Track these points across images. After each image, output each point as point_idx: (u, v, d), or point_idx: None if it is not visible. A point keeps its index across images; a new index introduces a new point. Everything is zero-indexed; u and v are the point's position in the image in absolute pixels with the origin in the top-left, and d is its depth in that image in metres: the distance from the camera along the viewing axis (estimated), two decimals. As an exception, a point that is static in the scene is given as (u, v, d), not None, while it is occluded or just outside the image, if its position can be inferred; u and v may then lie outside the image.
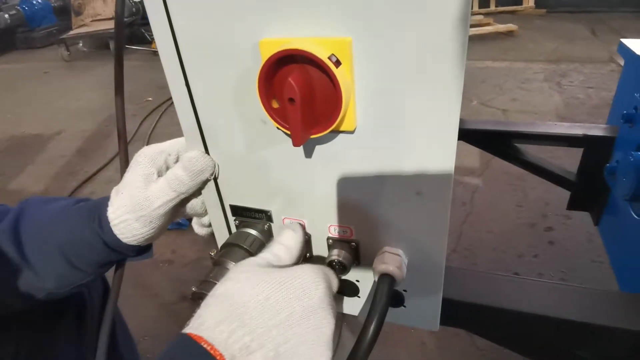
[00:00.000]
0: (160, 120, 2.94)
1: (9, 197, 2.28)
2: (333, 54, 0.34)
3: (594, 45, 3.68)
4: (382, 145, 0.39)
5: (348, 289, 0.52)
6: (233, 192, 0.49)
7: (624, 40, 0.98)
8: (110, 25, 4.89)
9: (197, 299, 0.43)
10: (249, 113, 0.41)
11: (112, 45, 4.81)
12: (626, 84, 0.91)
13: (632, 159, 0.70)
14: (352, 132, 0.39)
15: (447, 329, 1.26)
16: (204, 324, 0.33)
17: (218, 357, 0.30)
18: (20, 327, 0.58)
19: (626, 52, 0.93)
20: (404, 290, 0.49)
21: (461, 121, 1.06)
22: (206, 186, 0.49)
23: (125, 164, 0.51)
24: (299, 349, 0.33)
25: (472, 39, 4.09)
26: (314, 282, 0.37)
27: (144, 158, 0.48)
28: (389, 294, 0.42)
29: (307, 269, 0.38)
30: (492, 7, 4.83)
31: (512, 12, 4.78)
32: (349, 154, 0.41)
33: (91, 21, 5.21)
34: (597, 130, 0.95)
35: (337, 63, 0.34)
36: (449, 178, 0.38)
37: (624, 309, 0.58)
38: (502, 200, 1.84)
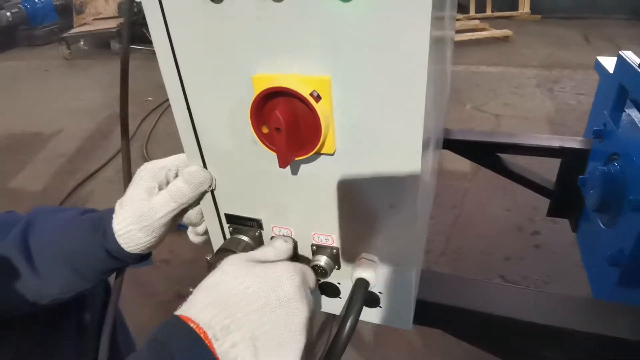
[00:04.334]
0: (160, 120, 2.99)
1: (9, 196, 2.33)
2: (314, 90, 0.40)
3: (586, 52, 3.74)
4: (358, 165, 0.45)
5: (330, 290, 0.57)
6: (228, 202, 0.55)
7: (600, 58, 1.04)
8: (111, 24, 4.93)
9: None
10: (242, 135, 0.46)
11: (113, 44, 4.85)
12: (599, 100, 0.97)
13: (598, 173, 0.76)
14: (332, 154, 0.44)
15: (434, 330, 1.33)
16: (193, 307, 0.39)
17: (202, 335, 0.36)
18: (21, 328, 0.61)
19: (600, 69, 0.99)
20: (380, 292, 0.54)
21: (447, 131, 1.12)
22: (204, 196, 0.55)
23: (127, 177, 0.56)
24: (273, 333, 0.39)
25: (468, 43, 4.15)
26: (289, 276, 0.42)
27: (147, 173, 0.53)
28: (363, 296, 0.48)
29: (285, 264, 0.44)
30: (489, 12, 4.89)
31: (508, 18, 4.84)
32: (329, 172, 0.46)
33: (93, 20, 5.25)
34: (573, 142, 1.01)
35: (318, 98, 0.39)
36: (415, 193, 0.44)
37: (586, 313, 0.63)
38: (492, 204, 1.90)
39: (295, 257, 0.54)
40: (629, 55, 0.83)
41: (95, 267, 0.55)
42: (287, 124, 0.39)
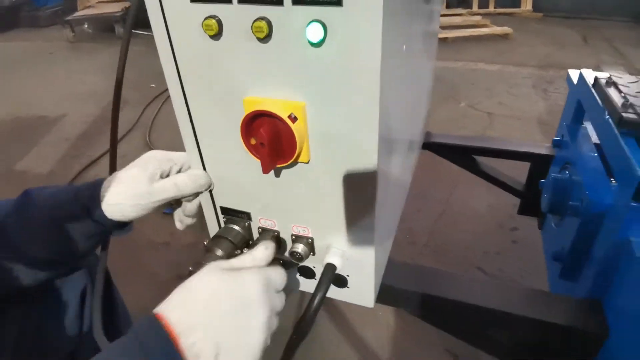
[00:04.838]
0: (163, 108, 3.08)
1: (16, 178, 2.42)
2: (292, 113, 0.49)
3: (583, 53, 3.81)
4: (328, 171, 0.55)
5: (307, 273, 0.68)
6: (223, 197, 0.65)
7: (570, 71, 1.13)
8: (115, 8, 4.96)
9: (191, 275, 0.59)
10: (234, 145, 0.56)
11: (117, 28, 4.89)
12: (565, 111, 1.06)
13: (550, 178, 0.86)
14: (307, 163, 0.54)
15: (412, 317, 1.44)
16: (167, 307, 0.45)
17: (170, 332, 0.42)
18: (24, 307, 0.67)
19: (569, 82, 1.08)
20: (347, 276, 0.65)
21: (428, 134, 1.22)
22: (204, 192, 0.65)
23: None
24: (235, 333, 0.46)
25: (469, 39, 4.21)
26: (252, 281, 0.49)
27: (154, 161, 0.62)
28: (331, 277, 0.59)
29: (252, 271, 0.50)
30: (491, 8, 4.92)
31: (510, 14, 4.87)
32: (305, 177, 0.56)
33: (97, 2, 5.28)
34: (541, 149, 1.10)
35: (294, 119, 0.49)
36: (374, 196, 0.54)
37: (527, 301, 0.74)
38: (476, 200, 2.00)
39: (278, 246, 0.65)
40: (587, 73, 0.92)
41: (79, 229, 0.60)
42: (269, 140, 0.49)
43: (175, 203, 0.67)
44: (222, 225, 0.68)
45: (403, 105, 0.68)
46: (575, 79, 1.04)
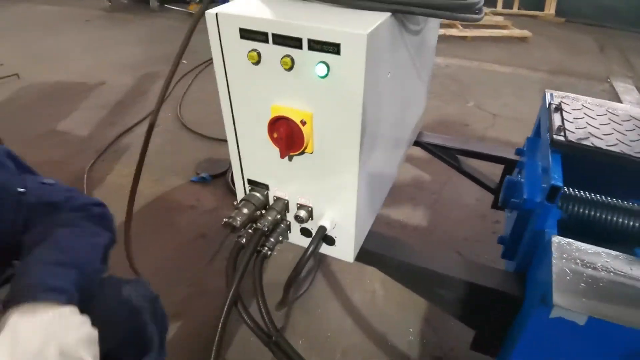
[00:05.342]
0: (193, 84, 3.31)
1: (57, 137, 2.69)
2: (303, 119, 0.73)
3: (597, 62, 3.90)
4: (325, 160, 0.79)
5: (307, 233, 0.93)
6: (250, 171, 0.90)
7: (547, 91, 1.33)
8: (150, -20, 5.15)
9: (226, 226, 0.84)
10: (262, 137, 0.81)
11: (152, 2, 5.11)
12: (534, 125, 1.27)
13: (507, 179, 1.08)
14: (311, 153, 0.79)
15: (396, 285, 1.70)
16: None
17: None
18: None
19: (543, 100, 1.28)
20: (335, 237, 0.90)
21: (421, 134, 1.44)
22: (237, 167, 0.90)
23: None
24: None
25: (487, 39, 4.32)
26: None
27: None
28: (321, 236, 0.84)
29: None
30: (515, 9, 4.98)
31: (533, 17, 4.93)
32: (309, 163, 0.81)
33: (133, -26, 5.47)
34: (510, 154, 1.32)
35: (304, 123, 0.73)
36: (355, 181, 0.78)
37: (471, 270, 0.97)
38: (466, 193, 2.22)
39: (286, 207, 0.89)
40: (551, 94, 1.12)
41: None
42: (286, 135, 0.73)
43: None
44: (247, 192, 0.93)
45: (390, 113, 0.91)
46: (549, 99, 1.25)
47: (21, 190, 0.75)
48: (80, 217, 0.79)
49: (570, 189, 0.97)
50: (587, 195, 0.97)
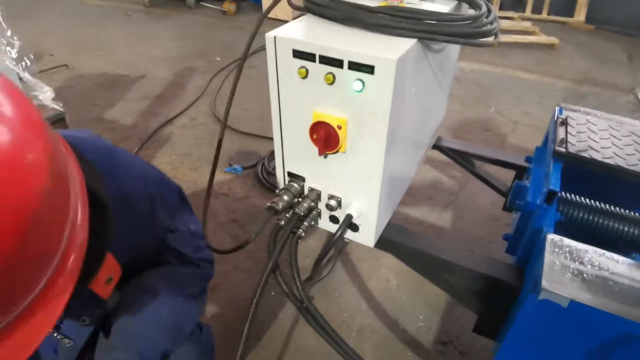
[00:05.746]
0: (227, 80, 3.51)
1: (105, 125, 2.94)
2: (339, 124, 0.89)
3: (623, 72, 3.90)
4: (355, 158, 0.94)
5: (334, 220, 1.09)
6: (290, 164, 1.06)
7: (559, 105, 1.45)
8: (187, -22, 5.38)
9: (269, 209, 1.01)
10: (304, 137, 0.97)
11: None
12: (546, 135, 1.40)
13: (515, 183, 1.22)
14: (344, 152, 0.94)
15: (409, 276, 1.83)
16: None
17: None
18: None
19: (554, 112, 1.40)
20: (359, 224, 1.06)
21: (439, 138, 1.58)
22: (279, 161, 1.07)
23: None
24: None
25: (513, 45, 4.36)
26: None
27: None
28: (347, 223, 1.00)
29: None
30: (544, 15, 4.98)
31: (562, 23, 4.93)
32: (342, 160, 0.96)
33: (171, -29, 5.71)
34: (521, 161, 1.45)
35: (339, 127, 0.89)
36: (379, 174, 0.93)
37: (480, 261, 1.12)
38: (481, 196, 2.34)
39: (319, 197, 1.06)
40: (560, 108, 1.24)
41: None
42: (324, 137, 0.90)
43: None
44: (287, 182, 1.10)
45: (412, 121, 1.06)
46: (560, 113, 1.37)
47: (171, 230, 0.99)
48: (191, 274, 1.03)
49: (569, 194, 1.10)
50: (585, 201, 1.09)
